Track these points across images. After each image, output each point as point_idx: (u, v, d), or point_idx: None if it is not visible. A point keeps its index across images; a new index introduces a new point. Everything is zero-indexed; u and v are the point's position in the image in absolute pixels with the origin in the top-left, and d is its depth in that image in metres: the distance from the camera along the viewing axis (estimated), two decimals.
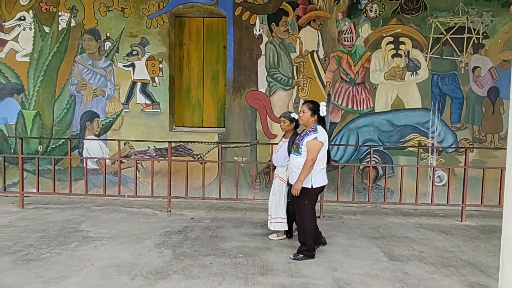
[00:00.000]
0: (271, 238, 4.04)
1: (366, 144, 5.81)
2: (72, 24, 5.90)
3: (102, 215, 4.90)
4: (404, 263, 3.42)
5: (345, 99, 5.84)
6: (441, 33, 5.73)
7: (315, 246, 3.50)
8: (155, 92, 5.91)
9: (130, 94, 5.93)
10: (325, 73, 5.81)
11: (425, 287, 2.93)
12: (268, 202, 4.05)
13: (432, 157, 5.85)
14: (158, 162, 5.72)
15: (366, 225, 4.75)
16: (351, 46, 5.79)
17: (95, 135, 6.00)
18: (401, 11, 5.72)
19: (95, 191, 5.91)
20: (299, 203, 3.44)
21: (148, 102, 5.92)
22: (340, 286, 2.91)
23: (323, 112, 3.42)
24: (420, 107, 5.81)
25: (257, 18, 5.78)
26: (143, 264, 3.24)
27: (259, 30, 5.79)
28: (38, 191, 5.31)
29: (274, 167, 4.12)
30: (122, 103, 5.94)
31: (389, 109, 5.83)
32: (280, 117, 4.03)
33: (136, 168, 5.34)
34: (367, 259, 3.50)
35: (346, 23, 5.77)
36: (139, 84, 5.93)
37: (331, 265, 3.34)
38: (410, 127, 5.84)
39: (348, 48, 5.79)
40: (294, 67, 5.82)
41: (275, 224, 3.96)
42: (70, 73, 5.94)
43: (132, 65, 5.89)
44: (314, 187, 3.37)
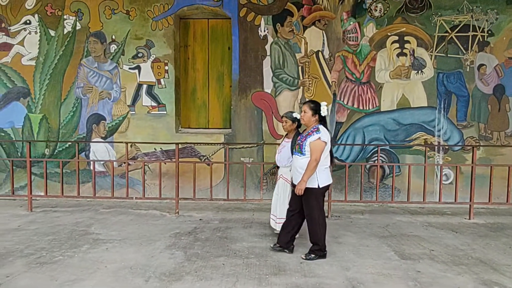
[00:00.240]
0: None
1: (372, 143, 5.81)
2: (78, 27, 5.92)
3: (111, 218, 4.91)
4: (416, 262, 3.42)
5: (351, 99, 5.84)
6: (446, 32, 5.73)
7: (324, 248, 3.51)
8: (161, 94, 5.93)
9: (136, 96, 5.94)
10: (330, 73, 5.82)
11: (439, 285, 2.93)
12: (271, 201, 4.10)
13: (438, 156, 5.86)
14: (165, 164, 5.73)
15: (375, 224, 4.76)
16: (356, 45, 5.80)
17: (102, 137, 6.01)
18: (405, 10, 5.73)
19: (102, 194, 5.93)
20: (308, 204, 3.43)
21: (154, 104, 5.94)
22: (354, 285, 2.91)
23: (324, 112, 3.41)
24: (426, 105, 5.82)
25: (262, 19, 5.80)
26: (155, 265, 3.25)
27: (264, 31, 5.81)
28: (47, 194, 5.32)
29: (278, 167, 4.14)
30: (128, 105, 5.96)
31: (395, 108, 5.84)
32: (282, 117, 4.05)
33: (144, 170, 5.35)
34: (378, 258, 3.50)
35: (351, 22, 5.78)
36: (145, 86, 5.94)
37: (343, 264, 3.34)
38: (416, 125, 5.84)
39: (353, 47, 5.80)
40: (300, 67, 5.83)
41: (278, 224, 3.99)
42: (76, 76, 5.96)
43: (138, 68, 5.91)
44: (320, 186, 3.38)
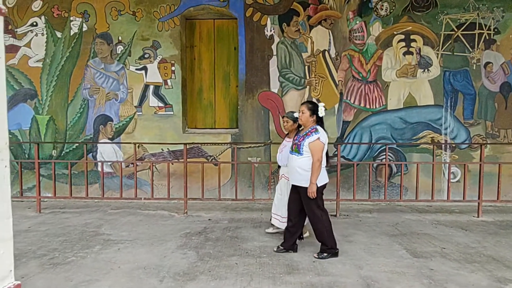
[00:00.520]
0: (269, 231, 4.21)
1: (379, 142, 5.82)
2: (84, 29, 5.93)
3: (120, 218, 4.92)
4: (428, 260, 3.43)
5: (357, 98, 5.85)
6: (452, 30, 5.74)
7: (335, 245, 3.51)
8: (167, 94, 5.94)
9: (143, 97, 5.95)
10: (337, 72, 5.83)
11: (453, 283, 2.94)
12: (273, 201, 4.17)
13: (445, 154, 5.86)
14: (172, 164, 5.73)
15: (384, 222, 4.76)
16: (362, 44, 5.80)
17: (109, 138, 6.02)
18: (411, 8, 5.73)
19: (110, 194, 5.94)
20: (308, 204, 3.44)
21: (161, 104, 5.95)
22: (368, 283, 2.92)
23: (321, 112, 3.43)
24: (433, 104, 5.82)
25: (268, 18, 5.80)
26: (169, 265, 3.26)
27: (270, 31, 5.81)
28: (55, 196, 5.33)
29: (279, 167, 4.17)
30: (135, 106, 5.97)
31: (402, 107, 5.84)
32: (283, 117, 4.10)
33: (152, 170, 5.36)
34: (390, 257, 3.51)
35: (357, 21, 5.78)
36: (151, 87, 5.95)
37: (355, 263, 3.35)
38: (423, 124, 5.85)
39: (360, 46, 5.80)
40: (306, 67, 5.83)
41: (284, 224, 3.97)
42: (82, 77, 5.97)
43: (145, 68, 5.92)
44: (318, 185, 3.38)
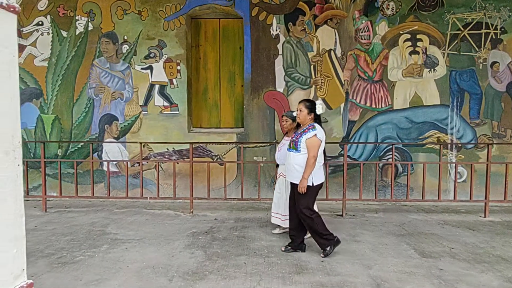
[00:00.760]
0: (275, 232, 4.20)
1: (385, 141, 5.80)
2: (90, 28, 5.93)
3: (126, 218, 4.92)
4: (437, 260, 3.41)
5: (363, 97, 5.83)
6: (459, 29, 5.72)
7: (331, 236, 3.48)
8: (173, 94, 5.93)
9: (149, 97, 5.95)
10: (342, 71, 5.81)
11: (464, 283, 2.92)
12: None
13: (451, 154, 5.84)
14: (177, 163, 5.73)
15: (390, 222, 4.75)
16: (368, 44, 5.79)
17: (114, 138, 6.02)
18: (418, 8, 5.72)
19: (115, 194, 5.94)
20: (302, 201, 3.42)
21: (166, 104, 5.94)
22: (378, 283, 2.91)
23: (319, 110, 3.44)
24: (439, 103, 5.80)
25: (274, 18, 5.80)
26: (177, 265, 3.26)
27: (276, 30, 5.80)
28: (61, 195, 5.33)
29: (277, 166, 4.19)
30: (140, 105, 5.97)
31: (408, 106, 5.82)
32: (282, 116, 4.12)
33: (158, 170, 5.36)
34: (399, 256, 3.50)
35: (363, 21, 5.77)
36: (157, 86, 5.95)
37: (364, 263, 3.34)
38: (429, 123, 5.83)
39: (366, 46, 5.79)
40: (312, 66, 5.82)
41: (286, 222, 4.02)
42: (88, 76, 5.97)
43: (150, 68, 5.92)
44: (315, 184, 3.38)
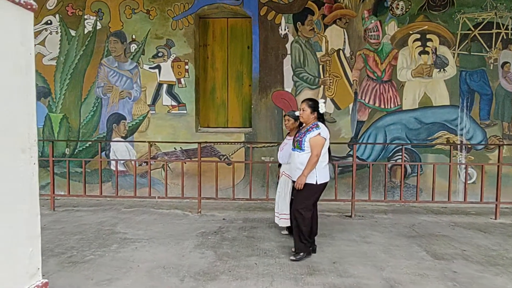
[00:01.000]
0: (283, 233, 4.18)
1: (394, 142, 5.76)
2: (98, 27, 5.93)
3: (134, 217, 4.91)
4: (450, 262, 3.37)
5: (372, 97, 5.79)
6: (469, 29, 5.66)
7: (309, 244, 3.46)
8: (181, 93, 5.92)
9: (156, 96, 5.94)
10: (351, 71, 5.78)
11: (479, 286, 2.88)
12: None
13: (461, 155, 5.79)
14: (185, 163, 5.71)
15: (400, 224, 4.71)
16: (377, 44, 5.75)
17: (122, 137, 6.02)
18: (427, 7, 5.67)
19: (122, 193, 5.93)
20: (302, 199, 3.39)
21: (174, 103, 5.93)
22: (392, 285, 2.87)
23: (322, 109, 3.42)
24: (448, 104, 5.75)
25: (283, 17, 5.77)
26: (188, 265, 3.24)
27: (285, 30, 5.78)
28: (69, 194, 5.33)
29: (280, 165, 4.17)
30: (148, 104, 5.96)
31: (417, 107, 5.78)
32: (284, 116, 4.13)
33: (166, 170, 5.35)
34: (411, 258, 3.46)
35: (372, 21, 5.73)
36: (165, 86, 5.94)
37: (377, 264, 3.30)
38: (438, 124, 5.78)
39: (375, 46, 5.75)
40: (320, 66, 5.79)
41: (280, 220, 4.03)
42: (96, 75, 5.97)
43: (158, 67, 5.91)
44: (318, 183, 3.35)
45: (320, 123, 3.40)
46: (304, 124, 3.51)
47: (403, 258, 3.48)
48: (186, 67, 5.87)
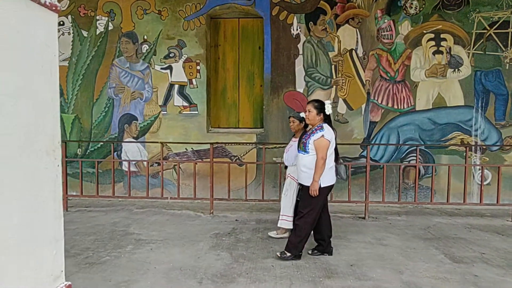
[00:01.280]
0: (270, 234, 4.09)
1: (407, 143, 5.70)
2: (110, 28, 5.94)
3: (147, 218, 4.91)
4: (470, 266, 3.32)
5: (385, 98, 5.74)
6: (484, 28, 5.58)
7: (301, 249, 3.41)
8: (192, 94, 5.91)
9: (168, 97, 5.94)
10: (364, 71, 5.73)
11: None
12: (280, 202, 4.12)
13: (475, 156, 5.71)
14: (196, 163, 5.69)
15: (415, 225, 4.65)
16: (390, 43, 5.69)
17: (133, 137, 6.03)
18: (442, 6, 5.60)
19: (133, 194, 5.94)
20: (306, 201, 3.36)
21: (185, 104, 5.92)
22: None
23: (328, 110, 3.37)
24: (463, 104, 5.68)
25: (295, 17, 5.73)
26: (204, 267, 3.22)
27: (297, 30, 5.74)
28: (82, 194, 5.35)
29: (286, 167, 4.13)
30: (160, 105, 5.96)
31: (431, 107, 5.71)
32: (289, 117, 4.07)
33: (179, 170, 5.34)
34: (429, 261, 3.41)
35: (386, 20, 5.67)
36: (176, 86, 5.93)
37: (395, 267, 3.26)
38: (452, 125, 5.71)
39: (388, 45, 5.69)
40: (333, 66, 5.75)
41: (282, 222, 3.98)
42: (108, 76, 5.98)
43: (170, 68, 5.91)
44: (322, 186, 3.29)
45: (325, 125, 3.34)
46: (310, 126, 3.47)
47: (421, 261, 3.43)
48: (198, 67, 5.86)
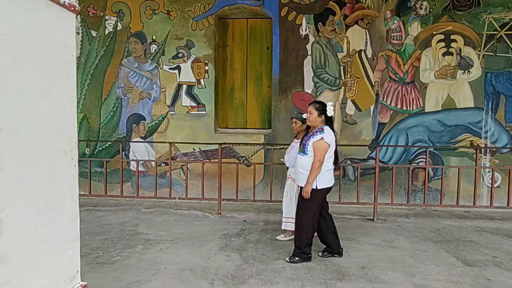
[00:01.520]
0: (279, 238, 4.05)
1: (416, 145, 5.67)
2: (119, 28, 5.96)
3: (155, 218, 4.91)
4: (482, 269, 3.29)
5: (394, 99, 5.71)
6: (495, 30, 5.54)
7: (309, 251, 3.39)
8: (200, 94, 5.91)
9: (176, 97, 5.95)
10: (373, 72, 5.70)
11: None
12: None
13: (485, 158, 5.66)
14: (203, 164, 5.69)
15: (424, 228, 4.62)
16: (400, 44, 5.66)
17: (141, 137, 6.04)
18: (452, 7, 5.56)
19: (141, 193, 5.94)
20: (302, 204, 3.35)
21: (193, 104, 5.93)
22: None
23: (330, 112, 3.36)
24: (473, 106, 5.64)
25: (303, 18, 5.72)
26: (215, 268, 3.21)
27: (305, 30, 5.72)
28: (90, 193, 5.36)
29: (288, 168, 4.11)
30: (168, 105, 5.97)
31: (440, 109, 5.67)
32: (292, 118, 4.05)
33: (187, 170, 5.35)
34: (441, 264, 3.38)
35: (395, 21, 5.64)
36: (184, 87, 5.94)
37: (406, 270, 3.24)
38: (461, 127, 5.67)
39: (397, 47, 5.66)
40: (341, 67, 5.72)
41: (286, 224, 3.96)
42: (116, 76, 6.00)
43: (178, 68, 5.91)
44: (318, 188, 3.28)
45: (325, 127, 3.33)
46: (311, 128, 3.47)
47: (433, 264, 3.40)
48: (206, 68, 5.86)
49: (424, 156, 5.60)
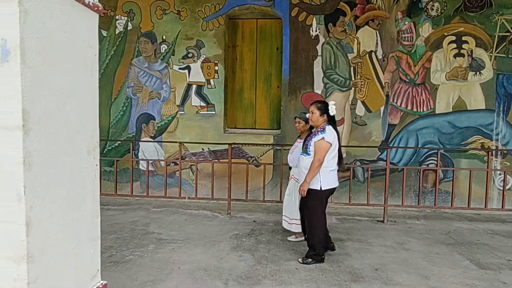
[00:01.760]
0: (290, 239, 4.04)
1: (427, 146, 5.64)
2: (129, 28, 5.98)
3: (165, 217, 4.93)
4: (497, 272, 3.27)
5: (404, 100, 5.68)
6: (507, 31, 5.50)
7: (322, 253, 3.39)
8: (210, 94, 5.92)
9: (186, 97, 5.96)
10: (383, 73, 5.68)
11: None
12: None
13: (496, 160, 5.62)
14: (213, 164, 5.70)
15: (435, 230, 4.60)
16: (411, 46, 5.63)
17: (151, 137, 6.05)
18: (464, 9, 5.53)
19: (150, 193, 5.95)
20: (308, 205, 3.35)
21: (203, 104, 5.93)
22: None
23: (332, 111, 3.34)
24: (484, 108, 5.60)
25: (314, 18, 5.71)
26: (228, 268, 3.22)
27: (316, 31, 5.71)
28: (100, 192, 5.37)
29: (290, 168, 4.12)
30: (177, 105, 5.98)
31: (451, 111, 5.64)
32: (295, 118, 4.04)
33: (196, 170, 5.36)
34: (455, 267, 3.36)
35: (406, 22, 5.62)
36: (194, 87, 5.95)
37: (420, 272, 3.22)
38: (472, 129, 5.63)
39: (408, 48, 5.64)
40: (352, 68, 5.71)
41: (292, 225, 3.96)
42: (126, 76, 6.02)
43: (188, 68, 5.92)
44: (323, 189, 3.28)
45: (327, 127, 3.32)
46: (314, 128, 3.46)
47: (446, 266, 3.38)
48: (216, 68, 5.87)
49: (434, 158, 5.58)
